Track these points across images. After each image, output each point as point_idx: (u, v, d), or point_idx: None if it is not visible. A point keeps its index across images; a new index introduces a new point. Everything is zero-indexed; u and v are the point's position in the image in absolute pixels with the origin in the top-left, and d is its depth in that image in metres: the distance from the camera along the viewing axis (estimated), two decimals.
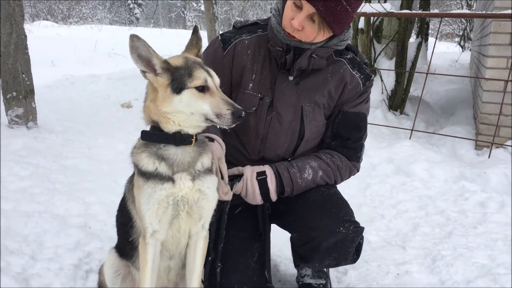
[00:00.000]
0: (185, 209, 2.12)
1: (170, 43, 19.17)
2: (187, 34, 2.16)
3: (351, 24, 2.44)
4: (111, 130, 6.86)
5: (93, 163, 5.30)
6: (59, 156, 5.33)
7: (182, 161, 2.08)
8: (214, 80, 2.03)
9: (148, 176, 2.07)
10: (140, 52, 1.96)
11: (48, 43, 15.60)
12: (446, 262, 3.36)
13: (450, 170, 5.24)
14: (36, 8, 35.73)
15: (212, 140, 2.40)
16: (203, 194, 2.13)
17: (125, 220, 2.34)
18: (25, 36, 5.69)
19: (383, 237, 3.85)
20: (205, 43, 2.40)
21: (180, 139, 2.05)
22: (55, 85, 9.56)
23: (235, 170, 2.53)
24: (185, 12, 49.92)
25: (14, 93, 5.70)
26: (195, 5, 47.75)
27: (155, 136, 2.08)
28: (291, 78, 2.47)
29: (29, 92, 5.86)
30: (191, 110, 1.98)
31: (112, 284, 2.47)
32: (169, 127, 2.04)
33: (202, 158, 2.14)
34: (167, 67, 1.99)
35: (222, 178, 2.34)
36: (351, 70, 2.53)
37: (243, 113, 1.95)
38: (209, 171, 2.18)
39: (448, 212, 4.30)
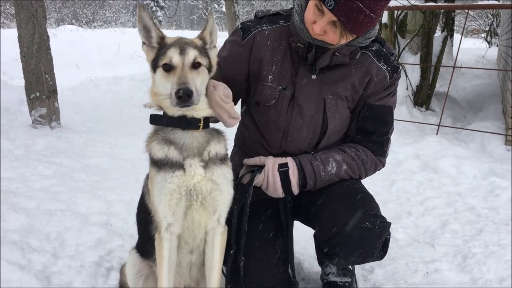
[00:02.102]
0: (199, 199, 2.05)
1: None
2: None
3: None
4: (133, 129, 6.87)
5: (115, 162, 5.31)
6: (81, 155, 5.36)
7: (190, 146, 2.02)
8: (184, 59, 1.90)
9: (159, 165, 2.01)
10: (146, 23, 1.97)
11: (73, 47, 15.89)
12: (478, 260, 3.21)
13: (479, 166, 5.08)
14: (61, 13, 36.46)
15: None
16: (215, 185, 2.06)
17: (144, 216, 2.28)
18: (48, 36, 5.75)
19: (410, 234, 3.72)
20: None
21: (186, 122, 2.00)
22: (79, 87, 9.70)
23: (257, 160, 2.46)
24: (207, 14, 50.22)
25: (38, 93, 5.76)
26: (216, 6, 47.93)
27: (162, 120, 2.04)
28: (313, 77, 2.38)
29: (52, 92, 5.91)
30: (163, 90, 1.93)
31: (134, 285, 2.41)
32: (170, 111, 2.00)
33: (212, 145, 2.06)
34: (161, 43, 1.98)
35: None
36: (377, 62, 2.41)
37: (182, 91, 1.78)
38: (223, 161, 2.11)
39: (478, 208, 4.15)
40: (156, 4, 51.13)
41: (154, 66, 1.97)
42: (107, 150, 5.74)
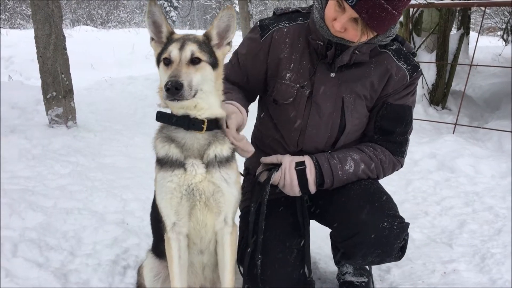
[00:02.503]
0: (202, 200, 2.03)
1: None
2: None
3: None
4: (148, 129, 6.89)
5: (130, 161, 5.35)
6: (97, 154, 5.40)
7: (191, 146, 2.00)
8: (182, 54, 1.89)
9: (161, 163, 2.02)
10: (156, 18, 1.98)
11: (88, 47, 16.00)
12: (496, 260, 3.17)
13: (497, 165, 5.01)
14: (76, 14, 36.80)
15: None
16: (217, 187, 2.03)
17: (156, 215, 2.27)
18: (64, 37, 5.79)
19: (427, 234, 3.68)
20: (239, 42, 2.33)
21: (189, 122, 1.97)
22: (94, 87, 9.78)
23: (274, 159, 2.45)
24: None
25: (54, 93, 5.81)
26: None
27: (166, 117, 2.03)
28: (332, 75, 2.36)
29: (68, 92, 5.96)
30: (162, 84, 1.92)
31: (152, 287, 2.42)
32: (173, 109, 2.00)
33: (212, 148, 2.03)
34: (169, 37, 1.99)
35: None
36: (396, 61, 2.39)
37: (170, 83, 1.76)
38: (224, 163, 2.06)
39: (496, 208, 4.09)
40: (169, 4, 51.38)
41: (158, 61, 1.98)
42: (122, 149, 5.77)
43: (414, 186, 4.69)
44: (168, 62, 1.90)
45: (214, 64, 1.99)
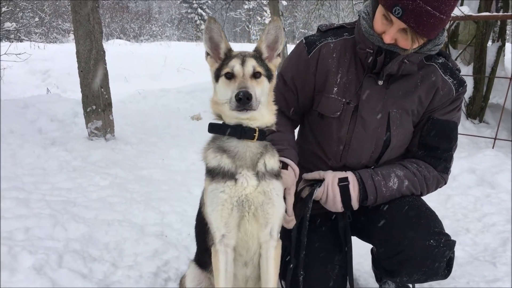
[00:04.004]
0: (251, 211, 2.05)
1: None
2: (251, 47, 2.14)
3: None
4: (182, 141, 7.00)
5: (167, 173, 5.42)
6: (134, 166, 5.50)
7: (243, 155, 2.03)
8: (244, 68, 1.95)
9: (213, 174, 2.04)
10: (213, 34, 2.03)
11: (122, 60, 16.35)
12: None
13: None
14: (110, 28, 37.78)
15: (286, 166, 2.33)
16: (267, 198, 2.05)
17: (202, 227, 2.30)
18: (104, 52, 5.97)
19: (469, 252, 3.60)
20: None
21: (242, 131, 2.01)
22: (128, 99, 9.97)
23: (316, 175, 2.45)
24: (250, 26, 50.76)
25: (94, 107, 5.97)
26: (259, 19, 48.38)
27: (219, 128, 2.07)
28: (380, 82, 2.35)
29: (107, 105, 6.12)
30: (224, 98, 1.96)
31: None
32: (227, 119, 2.03)
33: (265, 158, 2.07)
34: (227, 54, 2.04)
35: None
36: (443, 75, 2.37)
37: (242, 93, 1.81)
38: (276, 176, 2.10)
39: None
40: (200, 18, 52.14)
41: (217, 76, 2.02)
42: (158, 162, 5.86)
43: (453, 202, 4.59)
44: (230, 76, 1.96)
45: (269, 77, 2.05)
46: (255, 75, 1.98)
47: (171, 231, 3.79)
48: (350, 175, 2.37)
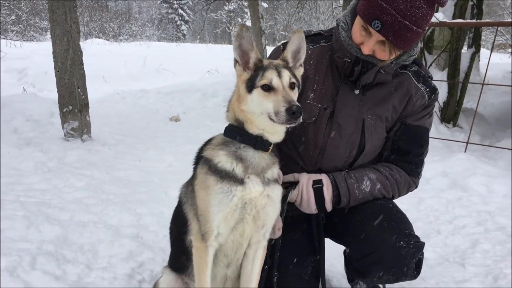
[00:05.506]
0: (252, 213, 2.10)
1: (215, 57, 19.56)
2: (231, 49, 2.18)
3: None
4: (160, 143, 6.99)
5: (144, 175, 5.40)
6: (111, 167, 5.46)
7: (258, 165, 2.09)
8: (282, 80, 2.01)
9: (222, 175, 2.06)
10: (243, 42, 2.04)
11: (100, 60, 16.22)
12: (509, 281, 3.18)
13: (510, 184, 4.99)
14: (89, 27, 37.34)
15: None
16: (270, 200, 2.12)
17: (180, 227, 2.31)
18: (81, 52, 5.92)
19: (440, 253, 3.69)
20: None
21: (261, 143, 2.07)
22: (106, 99, 9.90)
23: (291, 177, 2.49)
24: (231, 28, 50.75)
25: (70, 107, 5.92)
26: (240, 20, 48.43)
27: (238, 135, 2.09)
28: (357, 91, 2.42)
29: (84, 106, 6.07)
30: (260, 109, 1.99)
31: None
32: (253, 129, 2.06)
33: (274, 168, 2.16)
34: (258, 64, 2.05)
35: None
36: (416, 83, 2.46)
37: (295, 107, 1.87)
38: (277, 182, 2.19)
39: (509, 228, 4.10)
40: (180, 18, 51.92)
41: (250, 87, 2.02)
42: (136, 163, 5.84)
43: (426, 205, 4.70)
44: (267, 88, 1.98)
45: (299, 86, 2.13)
46: (291, 86, 2.04)
47: (147, 233, 3.78)
48: (324, 178, 2.42)
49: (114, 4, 54.49)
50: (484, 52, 14.30)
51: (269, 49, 14.48)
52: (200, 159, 2.19)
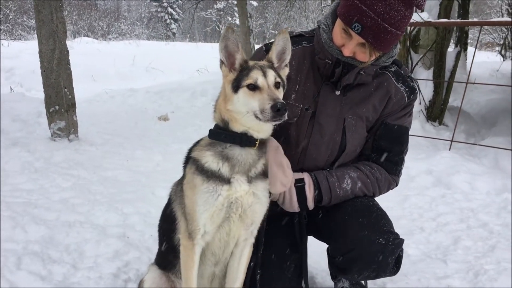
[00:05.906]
0: (238, 212, 2.14)
1: (205, 56, 19.54)
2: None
3: None
4: (149, 142, 6.99)
5: (132, 174, 5.40)
6: (99, 167, 5.46)
7: (245, 162, 2.12)
8: (267, 80, 2.05)
9: (209, 175, 2.10)
10: (229, 43, 2.08)
11: (89, 59, 16.12)
12: (490, 276, 3.24)
13: (493, 182, 5.09)
14: (77, 26, 37.08)
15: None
16: (257, 198, 2.16)
17: (168, 225, 2.35)
18: (67, 51, 5.90)
19: (422, 250, 3.75)
20: None
21: (246, 140, 2.10)
22: (95, 98, 9.86)
23: None
24: (220, 26, 50.69)
25: (57, 107, 5.90)
26: (230, 19, 48.40)
27: (222, 135, 2.13)
28: (338, 92, 2.47)
29: (71, 105, 6.06)
30: (246, 108, 2.03)
31: None
32: (238, 127, 2.10)
33: (261, 162, 2.19)
34: (244, 65, 2.09)
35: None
36: (395, 83, 2.51)
37: (280, 104, 1.91)
38: (264, 176, 2.22)
39: (491, 225, 4.17)
40: (170, 17, 51.76)
41: (236, 87, 2.06)
42: (124, 163, 5.83)
43: (410, 202, 4.76)
44: (253, 87, 2.02)
45: (283, 86, 2.18)
46: (276, 85, 2.08)
47: (134, 233, 3.79)
48: (306, 176, 2.46)
49: (103, 3, 54.17)
50: (471, 50, 14.42)
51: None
52: (189, 159, 2.24)
